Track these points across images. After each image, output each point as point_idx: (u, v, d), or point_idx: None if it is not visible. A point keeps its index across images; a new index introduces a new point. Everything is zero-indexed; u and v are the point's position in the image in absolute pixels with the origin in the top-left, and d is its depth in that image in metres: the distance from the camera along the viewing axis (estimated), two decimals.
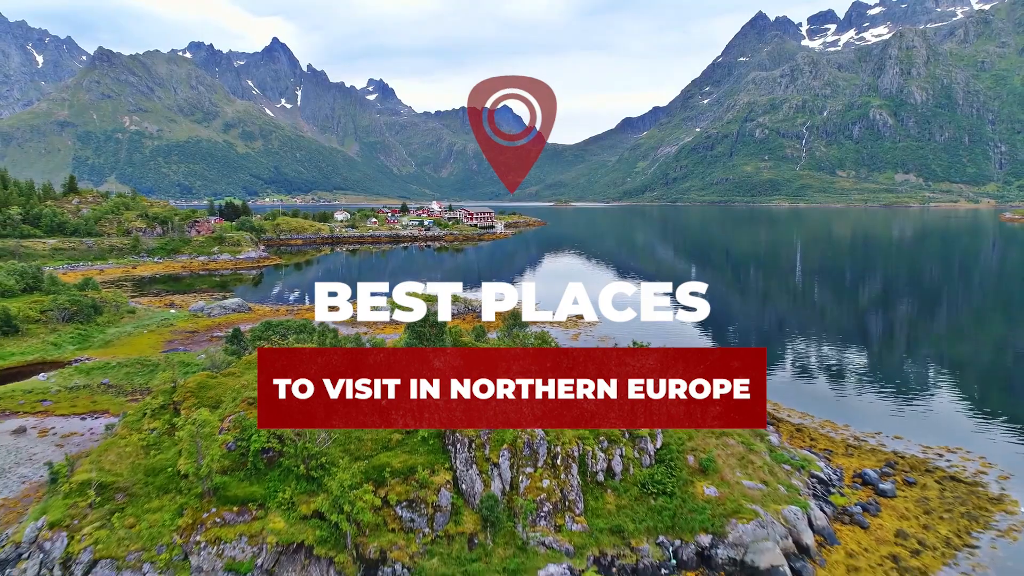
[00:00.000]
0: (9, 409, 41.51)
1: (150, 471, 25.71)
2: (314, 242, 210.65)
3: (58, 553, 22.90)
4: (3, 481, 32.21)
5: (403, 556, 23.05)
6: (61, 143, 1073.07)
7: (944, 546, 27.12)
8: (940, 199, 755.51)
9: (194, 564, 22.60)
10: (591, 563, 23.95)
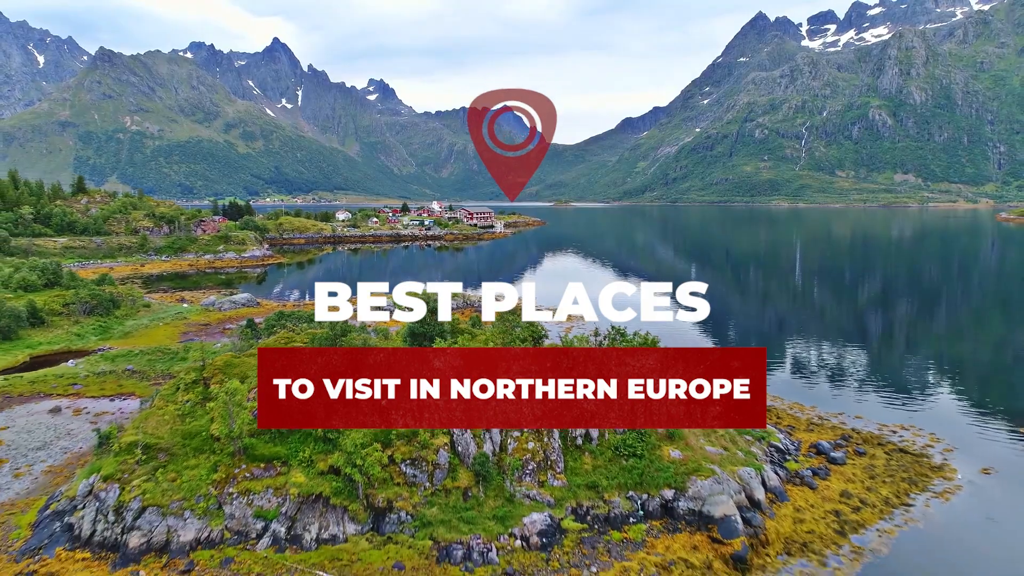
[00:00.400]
0: (43, 392, 45.02)
1: (187, 435, 29.19)
2: (316, 241, 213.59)
3: (112, 501, 26.34)
4: (47, 451, 35.71)
5: (407, 505, 26.45)
6: (62, 143, 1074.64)
7: (883, 504, 30.43)
8: (939, 199, 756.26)
9: (227, 512, 26.04)
10: (569, 512, 27.36)
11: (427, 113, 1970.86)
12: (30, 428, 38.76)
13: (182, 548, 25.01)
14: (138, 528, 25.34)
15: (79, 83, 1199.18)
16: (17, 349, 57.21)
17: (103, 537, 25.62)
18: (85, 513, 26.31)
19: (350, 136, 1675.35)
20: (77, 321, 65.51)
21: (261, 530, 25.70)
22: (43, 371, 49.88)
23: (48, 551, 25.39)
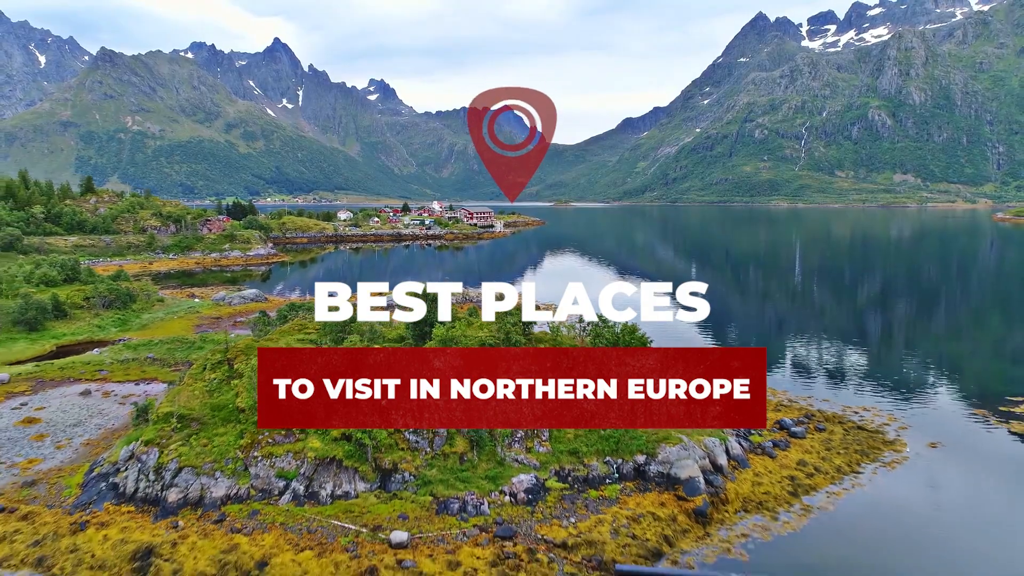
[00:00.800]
0: (72, 377, 48.63)
1: (215, 407, 32.70)
2: (319, 240, 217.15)
3: (152, 463, 29.89)
4: (83, 427, 39.27)
5: (410, 467, 30.00)
6: (64, 143, 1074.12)
7: (835, 471, 33.93)
8: (938, 199, 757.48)
9: (252, 472, 29.58)
10: (552, 474, 30.88)
11: (427, 113, 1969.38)
12: (64, 408, 42.42)
13: (214, 503, 28.66)
14: (175, 486, 28.99)
15: (80, 83, 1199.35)
16: (44, 339, 61.01)
17: (145, 493, 29.28)
18: (128, 473, 29.95)
19: (351, 136, 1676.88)
20: (97, 314, 69.36)
21: (282, 488, 29.34)
22: (70, 358, 53.62)
23: (97, 505, 29.04)
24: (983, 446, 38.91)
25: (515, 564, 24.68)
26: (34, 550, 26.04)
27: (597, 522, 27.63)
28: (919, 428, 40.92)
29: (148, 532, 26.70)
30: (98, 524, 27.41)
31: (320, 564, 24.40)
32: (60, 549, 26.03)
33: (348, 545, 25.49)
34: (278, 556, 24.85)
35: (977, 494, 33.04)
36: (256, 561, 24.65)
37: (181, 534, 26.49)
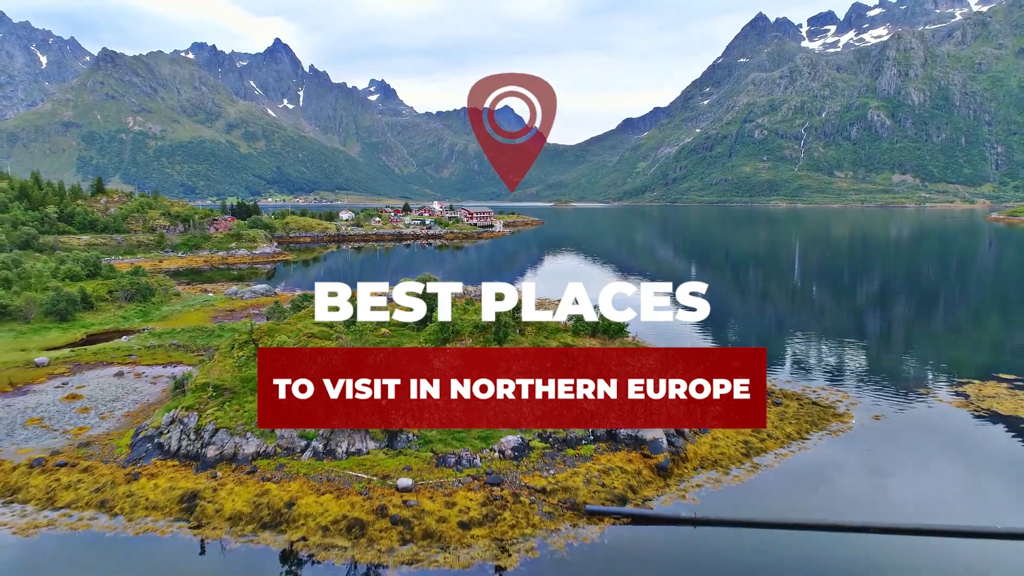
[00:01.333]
0: (105, 360, 53.41)
1: (244, 379, 37.42)
2: (321, 240, 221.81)
3: (192, 425, 34.65)
4: (122, 402, 43.98)
5: (414, 426, 34.97)
6: (66, 143, 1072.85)
7: (784, 437, 38.65)
8: (936, 199, 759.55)
9: (278, 434, 34.32)
10: (536, 436, 35.57)
11: (428, 113, 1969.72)
12: (102, 387, 47.23)
13: (246, 458, 33.46)
14: (213, 444, 33.80)
15: (82, 84, 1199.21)
16: (74, 328, 65.82)
17: (186, 451, 34.12)
18: (171, 434, 34.78)
19: (351, 136, 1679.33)
20: (121, 306, 74.21)
21: (304, 446, 34.14)
22: (100, 345, 58.48)
23: (145, 460, 33.84)
24: (920, 418, 43.80)
25: (501, 504, 29.47)
26: (96, 495, 30.89)
27: (572, 473, 32.45)
28: (867, 404, 45.79)
29: (191, 481, 31.54)
30: (148, 475, 32.24)
31: (338, 504, 29.21)
32: (118, 495, 30.87)
33: (361, 490, 30.29)
34: (303, 498, 29.66)
35: (903, 455, 37.90)
36: (285, 502, 29.47)
37: (220, 482, 31.32)
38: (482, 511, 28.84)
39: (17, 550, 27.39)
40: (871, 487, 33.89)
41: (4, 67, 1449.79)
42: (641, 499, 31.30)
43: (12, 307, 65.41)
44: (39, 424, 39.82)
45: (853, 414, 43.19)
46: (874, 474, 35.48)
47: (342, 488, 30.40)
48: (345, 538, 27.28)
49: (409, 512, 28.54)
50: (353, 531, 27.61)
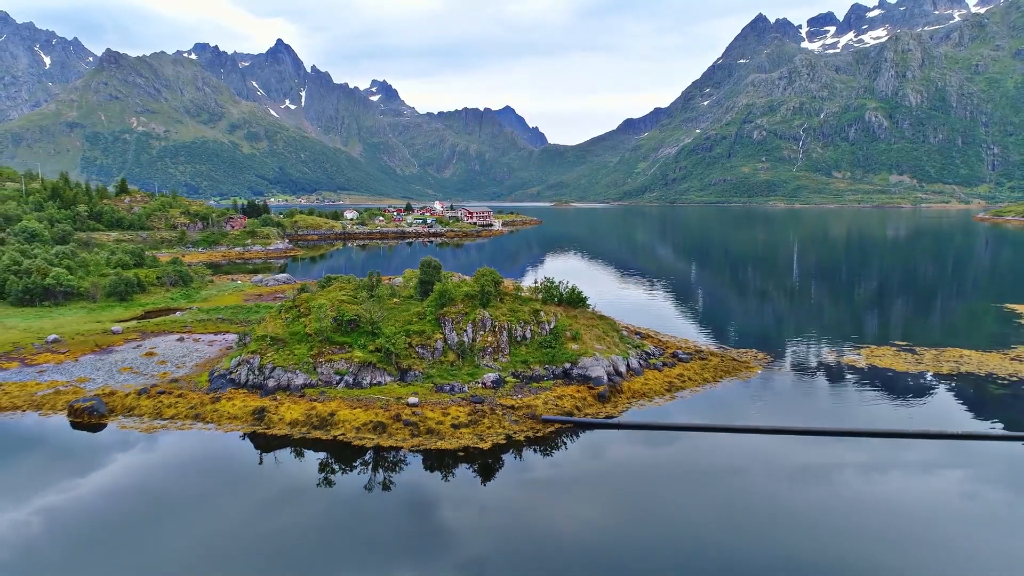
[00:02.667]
0: (166, 330, 65.47)
1: (292, 333, 49.25)
2: (328, 237, 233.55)
3: (256, 364, 46.52)
4: (189, 357, 55.75)
5: (419, 367, 46.59)
6: (70, 143, 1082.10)
7: (701, 380, 50.43)
8: (932, 200, 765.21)
9: (319, 371, 46.21)
10: (510, 374, 47.41)
11: (429, 114, 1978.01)
12: (170, 348, 59.29)
13: (296, 388, 45.46)
14: (272, 377, 45.83)
15: (86, 84, 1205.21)
16: (134, 307, 78.00)
17: (252, 383, 46.16)
18: (240, 371, 46.85)
19: (353, 137, 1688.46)
20: (168, 290, 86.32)
21: (338, 380, 46.14)
22: (159, 319, 70.66)
23: (222, 389, 45.90)
24: (812, 369, 55.92)
25: (482, 415, 41.41)
26: (191, 410, 42.96)
27: (535, 398, 44.45)
28: (774, 360, 57.88)
29: (258, 401, 43.56)
30: (226, 398, 44.26)
31: (366, 414, 41.21)
32: (207, 409, 42.93)
33: (382, 405, 42.30)
34: (340, 411, 41.65)
35: (789, 390, 50.04)
36: (328, 412, 41.51)
37: (279, 402, 43.34)
38: (467, 418, 40.83)
39: (146, 441, 39.50)
40: (758, 409, 45.81)
41: (8, 68, 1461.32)
42: (583, 414, 43.28)
43: (81, 288, 77.74)
44: (130, 371, 51.85)
45: (760, 367, 55.23)
46: (761, 399, 47.54)
47: (368, 405, 42.44)
48: (372, 433, 39.30)
49: (416, 418, 40.54)
50: (377, 429, 39.63)
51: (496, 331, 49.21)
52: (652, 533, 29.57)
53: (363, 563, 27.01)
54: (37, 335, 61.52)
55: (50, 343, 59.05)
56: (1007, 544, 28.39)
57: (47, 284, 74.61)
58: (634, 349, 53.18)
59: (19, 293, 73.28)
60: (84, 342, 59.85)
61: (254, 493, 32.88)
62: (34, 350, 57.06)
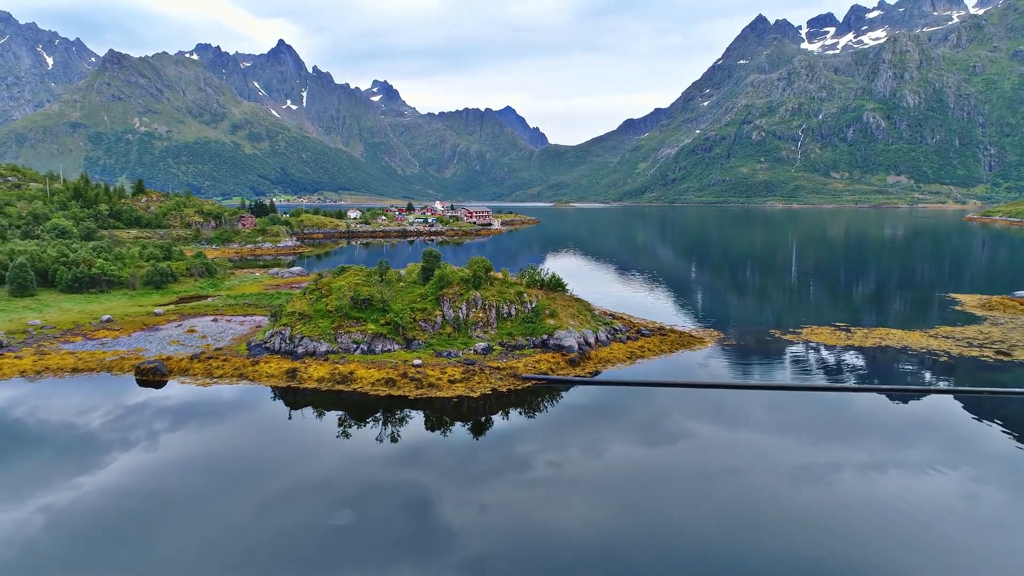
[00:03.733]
0: (200, 312, 75.20)
1: (316, 310, 58.79)
2: (332, 236, 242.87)
3: (287, 334, 56.11)
4: (225, 334, 65.34)
5: (422, 337, 56.22)
6: (73, 143, 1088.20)
7: (658, 351, 60.01)
8: (929, 200, 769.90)
9: (339, 341, 55.76)
10: (497, 343, 57.13)
11: (430, 114, 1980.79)
12: (207, 326, 68.95)
13: (321, 354, 55.11)
14: (301, 345, 55.48)
15: (89, 85, 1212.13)
16: (168, 294, 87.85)
17: (284, 349, 55.84)
18: (274, 341, 56.52)
19: (354, 137, 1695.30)
20: (196, 280, 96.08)
21: (354, 348, 55.77)
22: (192, 303, 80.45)
23: (259, 355, 55.52)
24: (754, 342, 65.73)
25: (472, 373, 51.08)
26: (236, 371, 52.66)
27: (517, 362, 54.11)
28: (725, 337, 67.64)
29: (290, 363, 53.27)
30: (264, 362, 53.95)
31: (379, 372, 50.88)
32: (248, 370, 52.61)
33: (392, 366, 51.93)
34: (358, 371, 51.30)
35: (731, 357, 59.50)
36: (348, 371, 51.15)
37: (307, 364, 53.02)
38: (461, 376, 50.51)
39: (206, 393, 49.28)
40: (706, 372, 55.38)
41: (11, 68, 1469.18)
42: (556, 375, 52.86)
43: (121, 277, 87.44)
44: (178, 344, 61.53)
45: (712, 341, 64.94)
46: (704, 365, 57.25)
47: (381, 366, 52.16)
48: (384, 387, 48.96)
49: (419, 375, 50.23)
50: (388, 383, 49.30)
51: (486, 308, 58.97)
52: (599, 454, 39.08)
53: (379, 499, 36.29)
54: (91, 316, 71.34)
55: (104, 322, 68.82)
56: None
57: (93, 273, 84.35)
58: (604, 326, 62.81)
59: (69, 281, 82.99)
60: (133, 322, 69.63)
61: (291, 439, 42.03)
62: (92, 327, 66.83)
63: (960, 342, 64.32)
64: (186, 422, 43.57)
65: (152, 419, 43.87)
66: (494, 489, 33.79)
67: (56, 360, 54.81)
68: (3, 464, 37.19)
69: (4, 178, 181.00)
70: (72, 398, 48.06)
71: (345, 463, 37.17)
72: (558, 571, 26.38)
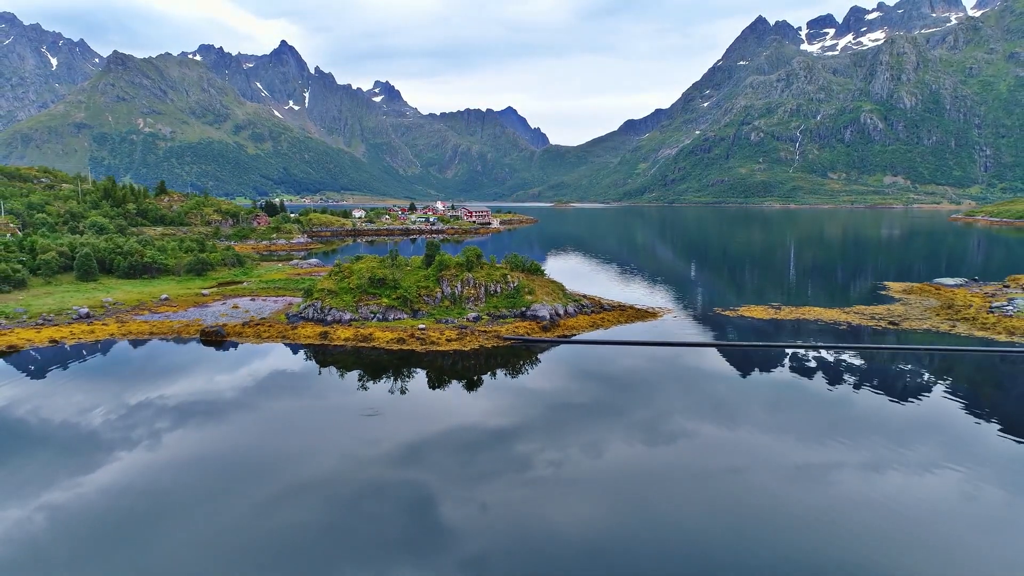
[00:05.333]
0: (239, 294, 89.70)
1: (340, 287, 73.11)
2: (339, 234, 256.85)
3: (319, 306, 70.52)
4: (263, 309, 79.82)
5: (425, 308, 70.62)
6: (78, 144, 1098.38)
7: (616, 322, 74.16)
8: (924, 201, 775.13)
9: (360, 311, 70.06)
10: (485, 314, 71.50)
11: (432, 115, 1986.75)
12: (247, 304, 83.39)
13: (346, 321, 69.60)
14: (329, 315, 69.99)
15: (93, 86, 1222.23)
16: (208, 280, 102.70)
17: (316, 318, 70.23)
18: (308, 311, 71.07)
19: (356, 137, 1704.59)
20: (229, 268, 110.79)
21: (372, 316, 70.34)
22: (232, 287, 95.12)
23: (296, 322, 69.94)
24: (695, 316, 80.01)
25: (465, 335, 65.50)
26: (279, 334, 67.16)
27: (500, 327, 68.58)
28: (675, 312, 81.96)
29: (322, 328, 67.69)
30: (300, 327, 68.42)
31: (392, 333, 65.37)
32: (289, 333, 66.95)
33: (402, 329, 66.36)
34: (375, 333, 65.75)
35: (675, 327, 73.80)
36: (368, 333, 65.55)
37: (335, 329, 67.44)
38: (456, 336, 65.05)
39: (258, 349, 63.63)
40: (651, 334, 69.61)
41: (16, 69, 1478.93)
42: (531, 336, 67.19)
43: (168, 265, 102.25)
44: (227, 316, 76.07)
45: (662, 315, 79.39)
46: (648, 330, 71.44)
47: (393, 330, 66.62)
48: (395, 343, 63.46)
49: (424, 336, 64.72)
50: (399, 341, 63.83)
51: (476, 287, 73.53)
52: (564, 402, 53.25)
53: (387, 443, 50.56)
54: (151, 296, 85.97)
55: (163, 300, 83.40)
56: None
57: (145, 262, 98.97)
58: (573, 302, 77.33)
59: (125, 268, 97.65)
60: (185, 300, 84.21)
61: (325, 385, 56.21)
62: (153, 304, 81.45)
63: (865, 316, 78.57)
64: (235, 384, 57.75)
65: (209, 376, 58.05)
66: (477, 431, 47.83)
67: (135, 326, 69.35)
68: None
69: (38, 179, 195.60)
70: (153, 352, 62.61)
71: (360, 421, 51.22)
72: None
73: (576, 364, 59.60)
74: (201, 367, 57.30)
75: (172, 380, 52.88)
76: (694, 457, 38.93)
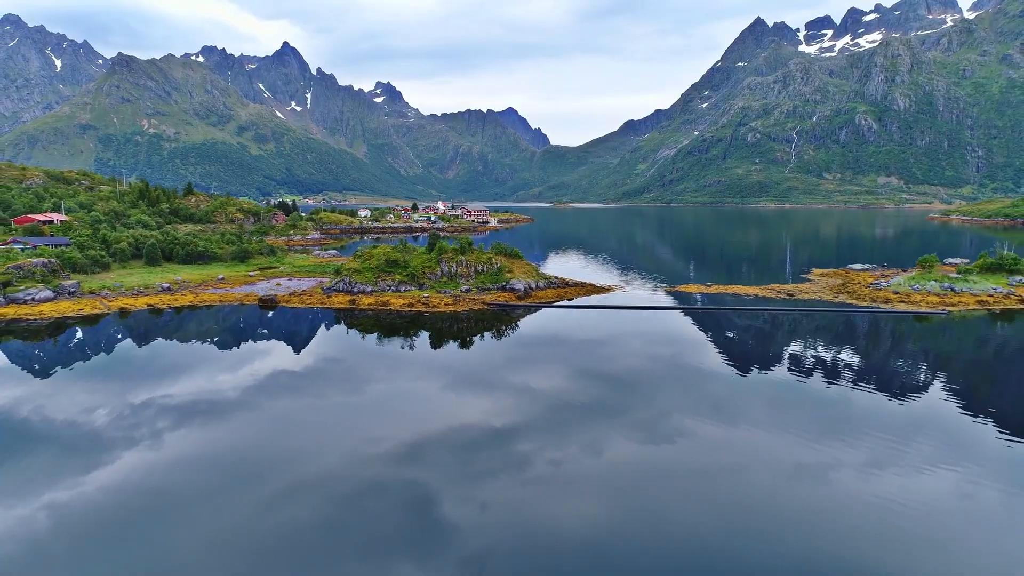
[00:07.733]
0: (280, 275, 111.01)
1: (363, 267, 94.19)
2: (348, 231, 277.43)
3: (347, 281, 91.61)
4: (301, 286, 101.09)
5: (428, 283, 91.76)
6: (83, 145, 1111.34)
7: (576, 294, 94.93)
8: (916, 201, 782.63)
9: (379, 284, 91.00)
10: (475, 287, 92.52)
11: (433, 115, 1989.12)
12: (287, 282, 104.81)
13: (368, 292, 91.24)
14: (356, 287, 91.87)
15: (98, 87, 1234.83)
16: (251, 266, 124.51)
17: (345, 290, 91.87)
18: (339, 285, 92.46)
19: (358, 138, 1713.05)
20: (264, 256, 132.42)
21: (388, 288, 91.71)
22: (271, 271, 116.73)
23: (330, 294, 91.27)
24: (653, 291, 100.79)
25: (459, 302, 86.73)
26: (319, 301, 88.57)
27: (486, 296, 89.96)
28: (628, 289, 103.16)
29: (350, 297, 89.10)
30: (334, 297, 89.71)
31: (403, 299, 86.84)
32: (325, 301, 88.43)
33: (411, 297, 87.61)
34: (391, 299, 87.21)
35: (620, 299, 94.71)
36: (385, 300, 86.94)
37: (360, 299, 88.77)
38: (452, 302, 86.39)
39: (303, 311, 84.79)
40: (601, 302, 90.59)
41: (21, 71, 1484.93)
42: (509, 302, 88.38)
43: (217, 254, 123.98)
44: (273, 290, 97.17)
45: (615, 289, 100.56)
46: (603, 301, 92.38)
47: (404, 297, 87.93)
48: (406, 307, 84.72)
49: (427, 301, 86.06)
50: (409, 305, 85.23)
51: (468, 267, 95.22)
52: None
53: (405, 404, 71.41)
54: (209, 276, 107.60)
55: (220, 280, 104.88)
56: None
57: (199, 250, 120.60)
58: (544, 279, 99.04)
59: (183, 256, 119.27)
60: (237, 280, 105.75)
61: (351, 344, 77.09)
62: (214, 282, 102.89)
63: (774, 291, 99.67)
64: (273, 348, 78.84)
65: (259, 332, 79.00)
66: (468, 386, 68.88)
67: (206, 296, 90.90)
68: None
69: (79, 182, 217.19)
70: (224, 312, 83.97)
71: (370, 384, 72.22)
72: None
73: (544, 326, 79.43)
74: (262, 326, 78.23)
75: (234, 344, 73.87)
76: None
